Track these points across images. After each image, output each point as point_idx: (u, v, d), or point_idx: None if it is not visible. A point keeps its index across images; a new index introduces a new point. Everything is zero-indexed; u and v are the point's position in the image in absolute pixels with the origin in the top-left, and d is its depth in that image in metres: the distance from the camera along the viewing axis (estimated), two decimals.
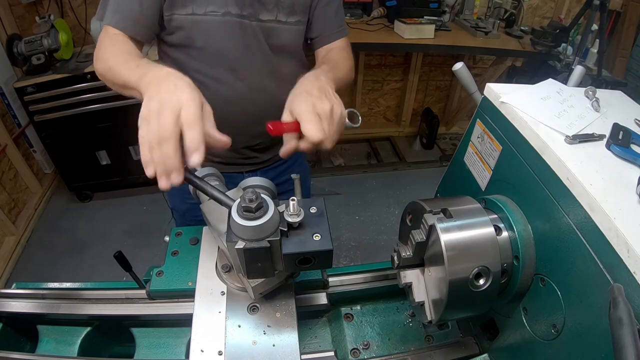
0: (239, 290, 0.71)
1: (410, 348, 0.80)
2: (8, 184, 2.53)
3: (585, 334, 0.49)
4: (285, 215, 0.56)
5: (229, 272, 0.73)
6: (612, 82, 2.33)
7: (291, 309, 0.69)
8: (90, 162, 2.66)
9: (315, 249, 0.56)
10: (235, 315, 0.67)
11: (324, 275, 0.80)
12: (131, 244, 2.55)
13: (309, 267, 0.59)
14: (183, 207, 1.21)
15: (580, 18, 2.37)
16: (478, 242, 0.57)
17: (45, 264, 2.44)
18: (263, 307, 0.69)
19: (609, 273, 0.46)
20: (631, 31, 3.07)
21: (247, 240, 0.55)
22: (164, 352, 0.77)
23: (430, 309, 0.62)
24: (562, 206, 0.54)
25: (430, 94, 3.68)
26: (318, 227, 0.58)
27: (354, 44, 2.66)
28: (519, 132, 0.64)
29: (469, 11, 3.01)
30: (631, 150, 0.58)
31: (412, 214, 0.66)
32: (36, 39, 2.32)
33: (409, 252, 0.63)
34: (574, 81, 0.96)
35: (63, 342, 0.80)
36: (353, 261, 2.50)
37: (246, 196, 0.54)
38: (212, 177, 0.77)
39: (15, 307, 0.79)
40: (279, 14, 0.98)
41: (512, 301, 0.62)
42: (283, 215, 0.57)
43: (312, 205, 0.61)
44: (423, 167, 3.38)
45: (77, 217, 2.78)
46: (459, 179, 0.83)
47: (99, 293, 0.81)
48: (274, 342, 0.64)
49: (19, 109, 2.51)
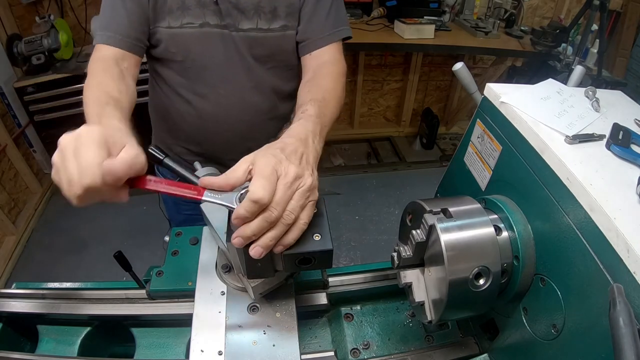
0: (239, 290, 0.71)
1: (410, 348, 0.80)
2: (8, 184, 2.53)
3: (585, 334, 0.49)
4: None
5: (229, 272, 0.73)
6: (612, 82, 2.34)
7: (291, 309, 0.69)
8: None
9: (315, 249, 0.56)
10: (235, 315, 0.67)
11: (324, 275, 0.80)
12: (131, 244, 2.55)
13: (309, 267, 0.59)
14: (179, 218, 1.20)
15: (580, 18, 2.37)
16: (478, 242, 0.57)
17: (45, 264, 2.44)
18: (263, 307, 0.69)
19: (609, 273, 0.46)
20: (631, 31, 3.07)
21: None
22: (164, 352, 0.77)
23: (430, 309, 0.62)
24: (562, 206, 0.54)
25: (430, 94, 3.68)
26: (318, 227, 0.58)
27: (354, 44, 2.69)
28: (519, 132, 0.64)
29: (469, 11, 3.01)
30: (631, 150, 0.58)
31: (412, 214, 0.66)
32: (36, 39, 2.32)
33: (409, 252, 0.63)
34: (574, 81, 0.96)
35: (63, 342, 0.80)
36: (353, 261, 2.50)
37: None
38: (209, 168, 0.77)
39: (15, 307, 0.79)
40: (259, 21, 0.93)
41: (512, 301, 0.62)
42: None
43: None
44: (423, 167, 3.38)
45: (77, 217, 2.78)
46: (459, 179, 0.83)
47: (99, 293, 0.81)
48: (274, 342, 0.64)
49: (19, 109, 2.51)
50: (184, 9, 0.88)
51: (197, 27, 0.89)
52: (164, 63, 0.95)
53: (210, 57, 0.93)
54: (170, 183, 0.54)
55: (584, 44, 2.21)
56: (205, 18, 0.89)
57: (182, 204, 1.17)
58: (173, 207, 1.21)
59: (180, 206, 1.19)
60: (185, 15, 0.88)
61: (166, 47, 0.91)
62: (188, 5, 0.88)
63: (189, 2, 0.88)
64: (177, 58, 0.93)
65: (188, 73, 0.95)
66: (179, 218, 1.20)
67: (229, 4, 0.89)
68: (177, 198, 0.54)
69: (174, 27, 0.89)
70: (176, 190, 0.53)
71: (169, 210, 1.26)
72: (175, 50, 0.92)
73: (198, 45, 0.91)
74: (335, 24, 0.98)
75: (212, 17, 0.89)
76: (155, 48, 0.93)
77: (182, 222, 1.18)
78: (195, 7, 0.88)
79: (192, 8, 0.88)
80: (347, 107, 3.61)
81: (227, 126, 0.97)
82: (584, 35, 2.18)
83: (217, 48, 0.93)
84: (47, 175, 2.95)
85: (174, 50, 0.92)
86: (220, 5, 0.89)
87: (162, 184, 0.53)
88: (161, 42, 0.91)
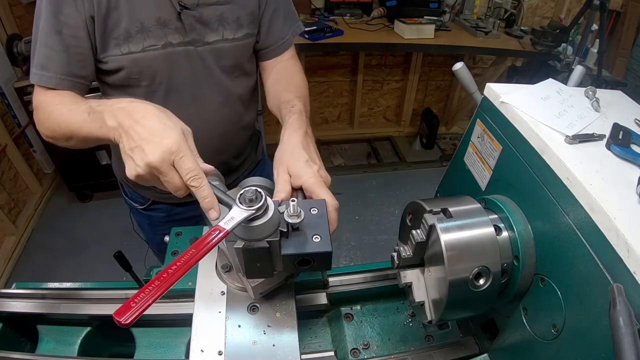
0: (238, 290, 0.71)
1: (410, 348, 0.80)
2: (8, 184, 2.53)
3: (585, 334, 0.49)
4: (285, 216, 0.56)
5: (229, 272, 0.73)
6: (612, 82, 2.33)
7: (291, 308, 0.69)
8: (90, 162, 2.65)
9: (314, 251, 0.56)
10: (235, 315, 0.67)
11: (324, 275, 0.80)
12: (131, 244, 2.54)
13: (308, 268, 0.59)
14: (157, 239, 1.17)
15: (580, 18, 2.37)
16: (478, 242, 0.57)
17: (45, 264, 2.44)
18: (263, 307, 0.69)
19: (609, 273, 0.46)
20: (631, 31, 3.07)
21: (246, 240, 0.55)
22: (164, 352, 0.77)
23: (430, 309, 0.62)
24: (562, 206, 0.54)
25: (430, 94, 3.68)
26: (318, 229, 0.58)
27: (354, 44, 2.70)
28: (519, 132, 0.64)
29: (469, 11, 3.01)
30: (631, 150, 0.58)
31: (412, 214, 0.66)
32: None
33: (409, 252, 0.63)
34: (574, 81, 0.96)
35: (63, 342, 0.80)
36: (353, 261, 2.50)
37: (247, 195, 0.54)
38: (213, 177, 0.77)
39: (15, 307, 0.79)
40: (225, 32, 0.91)
41: (512, 301, 0.62)
42: (283, 216, 0.56)
43: (313, 206, 0.61)
44: (423, 167, 3.38)
45: (77, 217, 2.78)
46: (459, 179, 0.83)
47: (99, 293, 0.81)
48: (274, 342, 0.64)
49: (19, 109, 2.51)
50: (144, 32, 0.83)
51: (160, 48, 0.85)
52: (126, 90, 0.90)
53: (178, 77, 0.90)
54: (200, 246, 0.50)
55: (584, 43, 2.21)
56: (167, 38, 0.85)
57: (158, 225, 1.16)
58: (149, 229, 1.19)
59: (156, 227, 1.17)
60: (146, 38, 0.83)
61: (128, 73, 0.87)
62: (147, 27, 0.83)
63: (148, 24, 0.83)
64: (141, 83, 0.89)
65: (155, 97, 0.90)
66: (157, 239, 1.16)
67: (191, 18, 0.86)
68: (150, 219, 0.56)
69: (135, 51, 0.84)
70: (210, 244, 0.51)
71: (146, 232, 1.23)
72: (138, 75, 0.87)
73: (164, 67, 0.88)
74: (291, 24, 1.03)
75: (174, 36, 0.86)
76: (113, 75, 0.88)
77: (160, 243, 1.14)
78: (155, 27, 0.84)
79: (152, 29, 0.84)
80: (347, 107, 3.62)
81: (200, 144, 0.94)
82: (584, 35, 2.18)
83: (184, 67, 0.90)
84: (47, 175, 2.95)
85: (137, 75, 0.87)
86: (184, 21, 0.85)
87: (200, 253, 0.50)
88: (122, 69, 0.86)
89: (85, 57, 0.82)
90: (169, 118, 0.60)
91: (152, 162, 0.56)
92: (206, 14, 0.87)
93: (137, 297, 0.44)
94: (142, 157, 0.57)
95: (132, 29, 0.82)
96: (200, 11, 0.87)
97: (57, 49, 0.79)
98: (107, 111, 0.64)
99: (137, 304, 0.43)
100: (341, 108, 3.61)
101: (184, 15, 0.85)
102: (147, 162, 0.57)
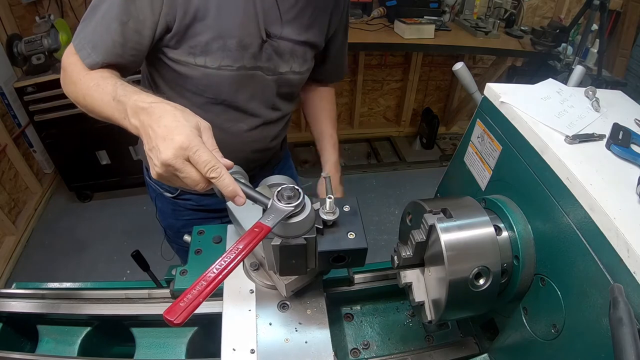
0: (267, 288, 0.71)
1: (410, 348, 0.80)
2: (8, 184, 2.53)
3: (585, 334, 0.49)
4: (320, 213, 0.57)
5: (257, 270, 0.73)
6: (612, 82, 2.33)
7: (322, 305, 0.69)
8: (90, 162, 2.66)
9: (350, 247, 0.57)
10: (265, 313, 0.68)
11: (349, 272, 0.81)
12: (131, 244, 2.54)
13: (342, 265, 0.59)
14: (178, 224, 1.18)
15: (580, 18, 2.37)
16: (478, 242, 0.57)
17: (45, 264, 2.44)
18: (293, 304, 0.69)
19: (609, 273, 0.46)
20: (631, 31, 3.06)
21: (283, 237, 0.55)
22: (164, 352, 0.77)
23: (430, 309, 0.62)
24: (562, 206, 0.54)
25: (430, 94, 3.67)
26: (352, 226, 0.58)
27: (354, 44, 2.69)
28: (519, 132, 0.64)
29: (469, 11, 3.01)
30: (631, 150, 0.58)
31: (412, 214, 0.66)
32: (36, 39, 2.32)
33: (409, 252, 0.63)
34: (574, 81, 0.96)
35: (63, 342, 0.80)
36: None
37: (285, 193, 0.54)
38: (237, 174, 0.77)
39: (15, 307, 0.79)
40: (294, 64, 0.95)
41: (512, 301, 0.62)
42: (318, 213, 0.57)
43: (346, 203, 0.61)
44: (423, 167, 3.38)
45: (77, 217, 2.78)
46: (459, 179, 0.83)
47: (99, 293, 0.81)
48: (306, 339, 0.64)
49: (19, 109, 2.51)
50: (225, 50, 0.84)
51: (235, 70, 0.87)
52: (183, 94, 0.91)
53: (240, 97, 0.93)
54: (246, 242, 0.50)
55: (584, 43, 2.21)
56: (243, 61, 0.87)
57: (183, 211, 1.16)
58: (171, 214, 1.20)
59: (178, 212, 1.18)
60: (224, 58, 0.84)
61: (195, 84, 0.88)
62: (229, 47, 0.83)
63: (230, 44, 0.83)
64: (204, 94, 0.90)
65: (211, 109, 0.92)
66: (178, 224, 1.18)
67: (270, 48, 0.89)
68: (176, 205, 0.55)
69: (210, 67, 0.85)
70: (254, 241, 0.51)
71: (167, 219, 1.24)
72: (204, 88, 0.89)
73: (231, 87, 0.90)
74: (345, 65, 1.19)
75: (249, 60, 0.87)
76: (178, 77, 0.88)
77: (181, 227, 1.16)
78: (235, 49, 0.84)
79: (233, 50, 0.84)
80: (347, 107, 3.62)
81: (242, 154, 0.98)
82: (584, 35, 2.18)
83: (247, 89, 0.92)
84: (47, 175, 2.95)
85: (203, 88, 0.89)
86: (264, 49, 0.88)
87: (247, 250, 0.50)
88: (190, 78, 0.87)
89: (139, 55, 0.81)
90: (183, 115, 0.60)
91: (166, 160, 0.56)
92: (282, 46, 0.91)
93: (186, 296, 0.43)
94: (158, 156, 0.57)
95: (213, 45, 0.82)
96: (279, 42, 0.89)
97: (115, 39, 0.76)
98: (130, 107, 0.63)
99: (186, 303, 0.43)
100: (341, 108, 3.61)
101: (266, 43, 0.88)
102: (162, 160, 0.57)
